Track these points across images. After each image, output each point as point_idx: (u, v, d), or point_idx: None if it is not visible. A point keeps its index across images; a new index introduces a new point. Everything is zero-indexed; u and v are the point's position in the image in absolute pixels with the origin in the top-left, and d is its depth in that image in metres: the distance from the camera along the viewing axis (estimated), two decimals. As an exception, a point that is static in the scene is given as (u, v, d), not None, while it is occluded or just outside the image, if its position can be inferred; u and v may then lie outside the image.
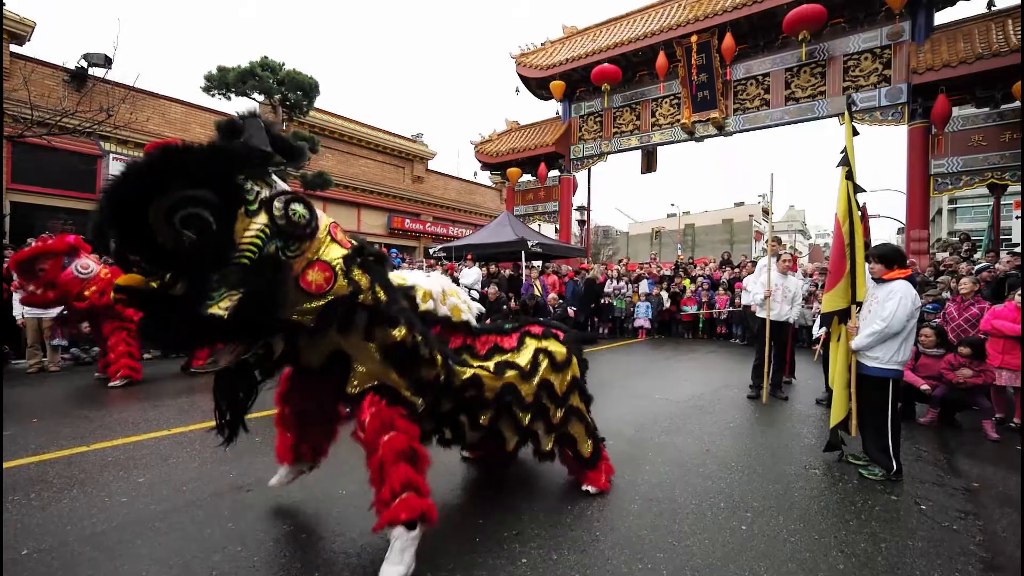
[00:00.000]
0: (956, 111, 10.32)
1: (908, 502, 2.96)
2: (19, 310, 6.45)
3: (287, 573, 2.14)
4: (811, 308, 8.26)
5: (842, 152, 3.75)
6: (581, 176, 17.15)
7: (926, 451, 3.88)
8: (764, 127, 12.91)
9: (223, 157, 1.63)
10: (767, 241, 5.99)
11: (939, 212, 37.51)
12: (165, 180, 1.47)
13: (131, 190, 1.48)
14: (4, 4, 7.11)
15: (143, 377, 5.94)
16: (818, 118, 12.06)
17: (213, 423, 2.16)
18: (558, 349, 2.78)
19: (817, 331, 6.10)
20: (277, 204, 1.73)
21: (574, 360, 2.87)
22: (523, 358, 2.64)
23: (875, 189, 32.11)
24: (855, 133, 3.85)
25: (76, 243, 5.58)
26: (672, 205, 72.28)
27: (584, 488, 2.93)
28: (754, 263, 9.51)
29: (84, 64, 11.88)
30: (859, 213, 3.64)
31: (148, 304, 1.59)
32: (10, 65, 11.36)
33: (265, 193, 1.74)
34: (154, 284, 1.56)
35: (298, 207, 1.79)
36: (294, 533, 2.47)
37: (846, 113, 4.03)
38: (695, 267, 13.07)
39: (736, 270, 11.63)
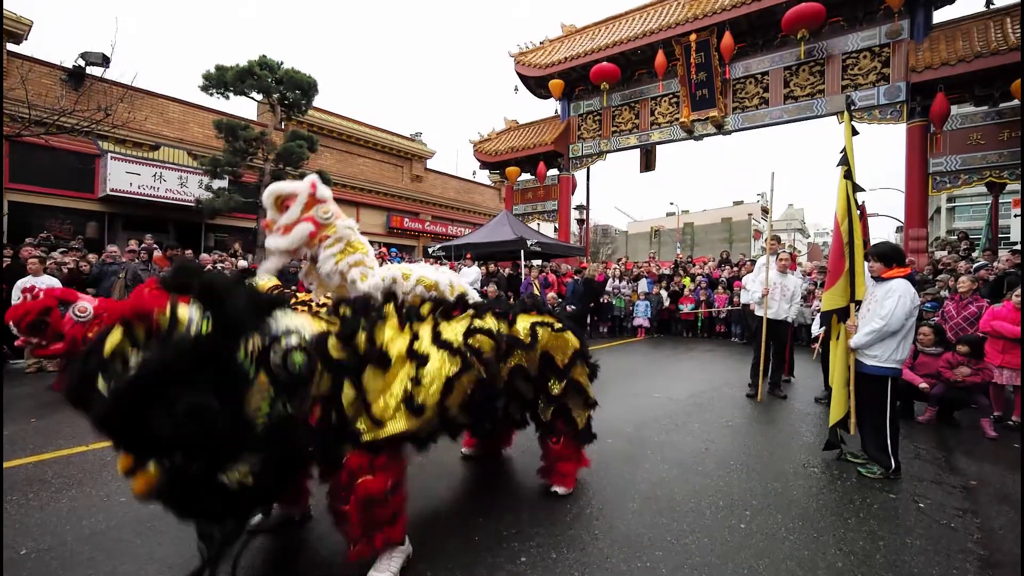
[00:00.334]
0: (955, 109, 10.33)
1: (906, 500, 2.96)
2: (17, 310, 6.42)
3: (285, 572, 2.14)
4: (810, 307, 8.28)
5: (841, 152, 3.76)
6: (580, 175, 17.16)
7: (924, 449, 3.89)
8: (763, 126, 12.91)
9: (218, 337, 1.55)
10: (766, 240, 5.99)
11: (938, 210, 37.56)
12: (161, 389, 1.45)
13: (126, 406, 1.45)
14: (2, 3, 7.08)
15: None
16: (817, 116, 12.06)
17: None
18: (555, 323, 2.74)
19: (816, 330, 6.13)
20: (275, 359, 1.63)
21: (571, 334, 2.78)
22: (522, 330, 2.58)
23: (874, 188, 32.11)
24: (854, 132, 3.86)
25: (63, 295, 5.60)
26: (671, 204, 72.33)
27: (552, 489, 2.88)
28: (753, 262, 9.52)
29: (82, 63, 11.86)
30: (858, 212, 3.64)
31: (171, 483, 1.56)
32: (7, 64, 11.32)
33: (256, 343, 1.64)
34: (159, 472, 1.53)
35: (296, 356, 1.69)
36: (293, 532, 2.47)
37: (845, 113, 4.03)
38: (694, 266, 13.09)
39: (735, 269, 11.64)
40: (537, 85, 16.38)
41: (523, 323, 2.58)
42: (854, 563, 2.27)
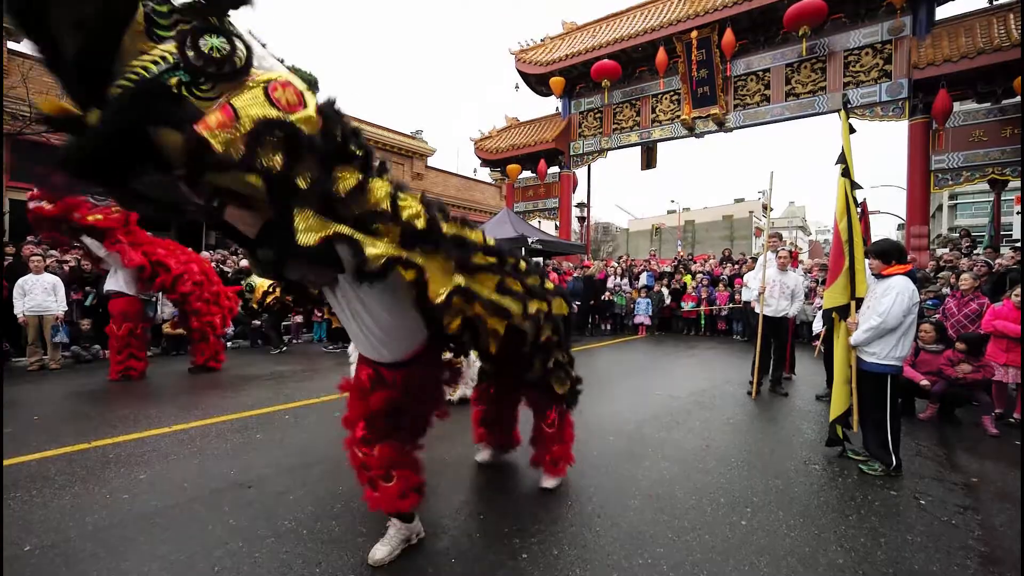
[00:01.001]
0: (957, 106, 10.28)
1: (907, 497, 2.96)
2: (20, 308, 6.45)
3: (288, 569, 2.15)
4: (811, 304, 8.27)
5: (839, 152, 3.78)
6: (581, 172, 17.13)
7: (926, 447, 3.89)
8: (764, 123, 12.86)
9: None
10: (767, 237, 5.99)
11: (939, 208, 37.47)
12: None
13: None
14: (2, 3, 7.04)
15: (140, 375, 5.99)
16: (818, 113, 12.02)
17: (212, 420, 2.16)
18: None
19: (817, 327, 6.12)
20: (186, 31, 1.40)
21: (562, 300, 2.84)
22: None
23: (876, 185, 32.08)
24: (852, 131, 3.88)
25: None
26: (672, 201, 72.15)
27: (544, 484, 2.94)
28: (755, 259, 9.51)
29: (82, 61, 11.82)
30: (857, 210, 3.67)
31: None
32: (8, 62, 11.31)
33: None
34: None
35: (213, 39, 1.42)
36: (295, 529, 2.48)
37: (842, 112, 4.03)
38: (695, 263, 13.08)
39: (736, 266, 11.63)
40: (538, 82, 16.34)
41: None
42: (855, 560, 2.27)
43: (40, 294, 6.53)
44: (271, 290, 7.47)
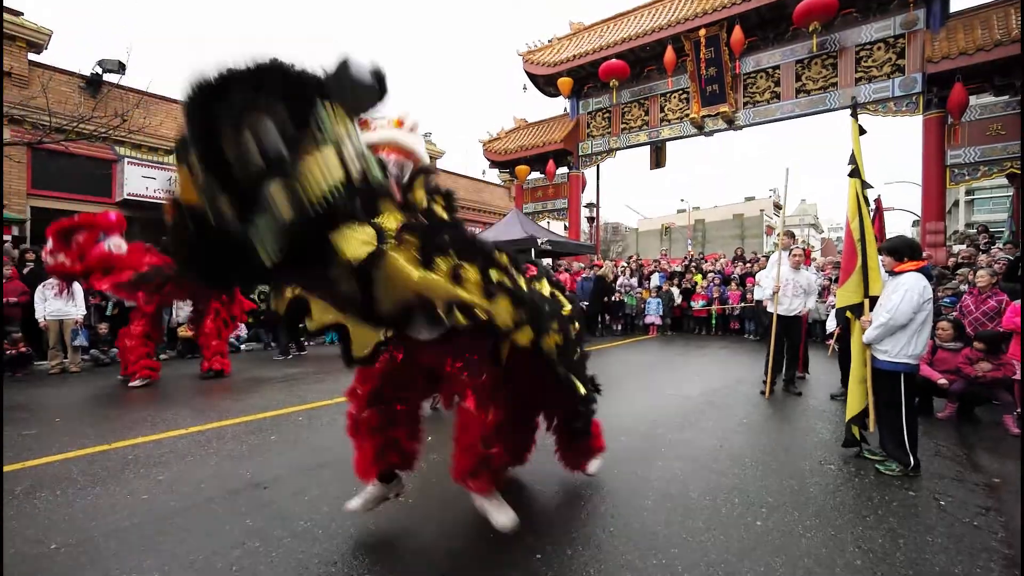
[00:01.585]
0: (973, 100, 10.11)
1: (927, 498, 2.92)
2: (41, 312, 6.60)
3: (305, 569, 2.17)
4: (824, 302, 8.17)
5: (850, 154, 3.80)
6: (590, 173, 17.10)
7: (945, 446, 3.82)
8: (774, 120, 12.75)
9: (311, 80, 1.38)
10: (778, 235, 5.93)
11: (956, 204, 36.76)
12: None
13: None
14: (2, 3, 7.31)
15: (158, 378, 6.08)
16: (830, 110, 11.88)
17: (228, 422, 2.19)
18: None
19: (831, 326, 6.04)
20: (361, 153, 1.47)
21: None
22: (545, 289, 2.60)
23: (889, 181, 31.57)
24: (862, 132, 3.88)
25: (118, 220, 5.76)
26: (682, 201, 71.63)
27: (588, 471, 2.95)
28: (767, 258, 9.42)
29: (99, 70, 12.09)
30: (869, 208, 3.68)
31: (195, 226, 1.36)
32: (29, 73, 11.61)
33: (343, 132, 1.44)
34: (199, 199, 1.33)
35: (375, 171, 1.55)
36: (311, 529, 2.50)
37: (851, 117, 4.01)
38: (706, 262, 12.98)
39: (748, 265, 11.53)
40: (546, 83, 16.34)
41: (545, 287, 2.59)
42: (873, 561, 2.25)
43: (60, 299, 6.68)
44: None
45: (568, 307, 2.63)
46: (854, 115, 3.99)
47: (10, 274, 6.84)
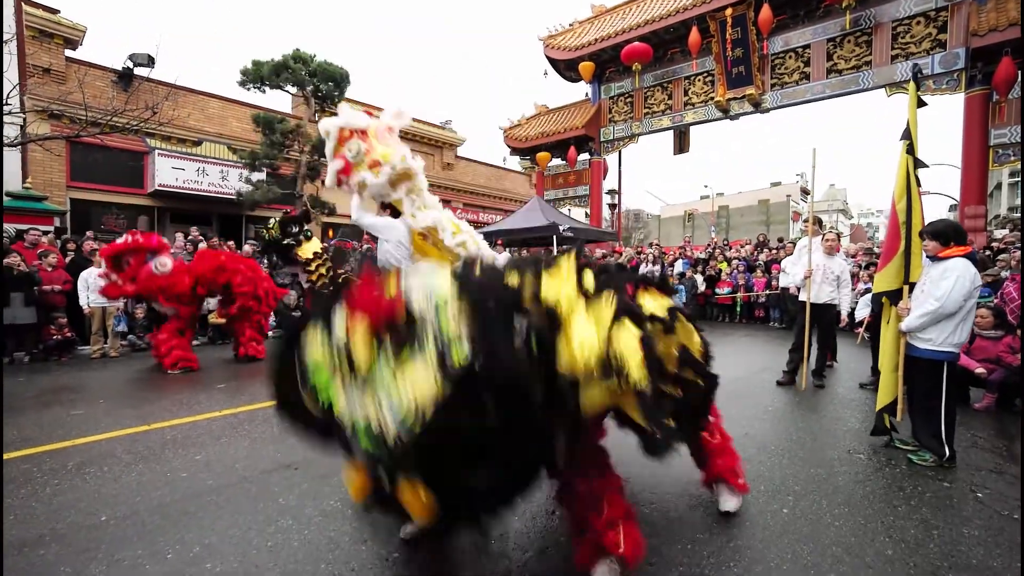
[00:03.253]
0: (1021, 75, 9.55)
1: (963, 489, 2.84)
2: (85, 299, 6.90)
3: (336, 546, 2.25)
4: (854, 290, 7.92)
5: (904, 127, 3.54)
6: (611, 159, 16.85)
7: (982, 437, 3.70)
8: (804, 102, 12.31)
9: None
10: (805, 221, 5.75)
11: (998, 187, 34.91)
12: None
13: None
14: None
15: (198, 368, 6.30)
16: (863, 90, 11.39)
17: (259, 405, 2.26)
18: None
19: (860, 314, 5.85)
20: None
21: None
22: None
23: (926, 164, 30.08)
24: (921, 104, 3.61)
25: (159, 243, 6.13)
26: (705, 187, 70.13)
27: (724, 508, 2.50)
28: (793, 244, 9.17)
29: (130, 64, 12.41)
30: (919, 190, 3.44)
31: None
32: (66, 69, 12.01)
33: None
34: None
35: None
36: (340, 509, 2.59)
37: (911, 83, 3.77)
38: (730, 249, 12.71)
39: (773, 252, 11.25)
40: (567, 68, 16.10)
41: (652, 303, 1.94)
42: (905, 551, 2.20)
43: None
44: (322, 258, 4.96)
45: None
46: (916, 81, 3.74)
47: (55, 262, 7.15)
